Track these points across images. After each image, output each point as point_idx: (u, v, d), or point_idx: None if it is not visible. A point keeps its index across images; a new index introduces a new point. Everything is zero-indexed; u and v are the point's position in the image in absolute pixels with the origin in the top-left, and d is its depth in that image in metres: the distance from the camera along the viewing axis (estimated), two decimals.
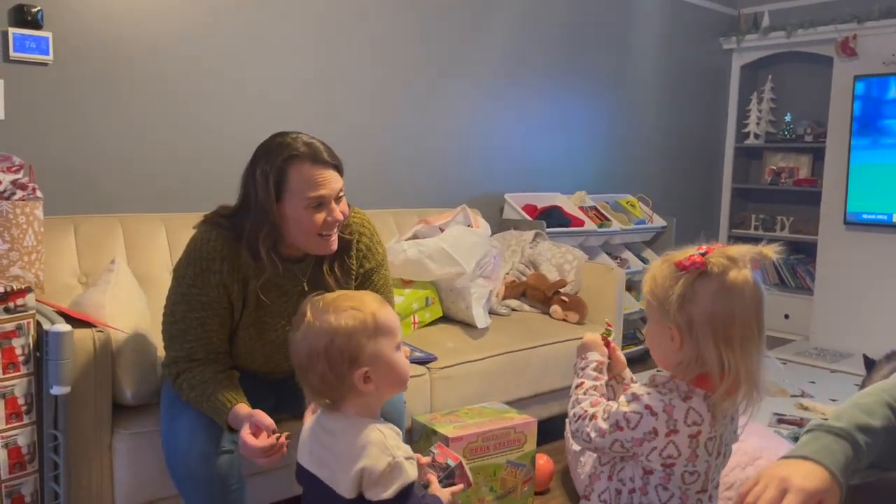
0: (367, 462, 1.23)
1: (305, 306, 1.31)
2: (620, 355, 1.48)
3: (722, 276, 1.19)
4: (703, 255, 1.21)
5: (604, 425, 1.24)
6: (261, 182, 1.68)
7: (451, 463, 1.53)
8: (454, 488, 1.47)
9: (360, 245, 1.90)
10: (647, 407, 1.21)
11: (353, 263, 1.88)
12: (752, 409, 1.23)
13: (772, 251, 1.20)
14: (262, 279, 1.75)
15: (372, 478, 1.23)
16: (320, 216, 1.70)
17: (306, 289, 1.79)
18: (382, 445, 1.25)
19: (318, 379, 1.27)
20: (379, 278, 1.93)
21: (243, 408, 1.65)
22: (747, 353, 1.20)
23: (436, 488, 1.43)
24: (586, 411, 1.29)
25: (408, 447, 1.30)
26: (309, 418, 1.39)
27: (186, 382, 1.71)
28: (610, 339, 1.46)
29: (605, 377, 1.39)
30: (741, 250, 1.21)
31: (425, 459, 1.50)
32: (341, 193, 1.75)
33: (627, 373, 1.49)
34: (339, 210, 1.73)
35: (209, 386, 1.68)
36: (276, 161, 1.68)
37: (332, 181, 1.71)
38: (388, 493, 1.23)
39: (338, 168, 1.74)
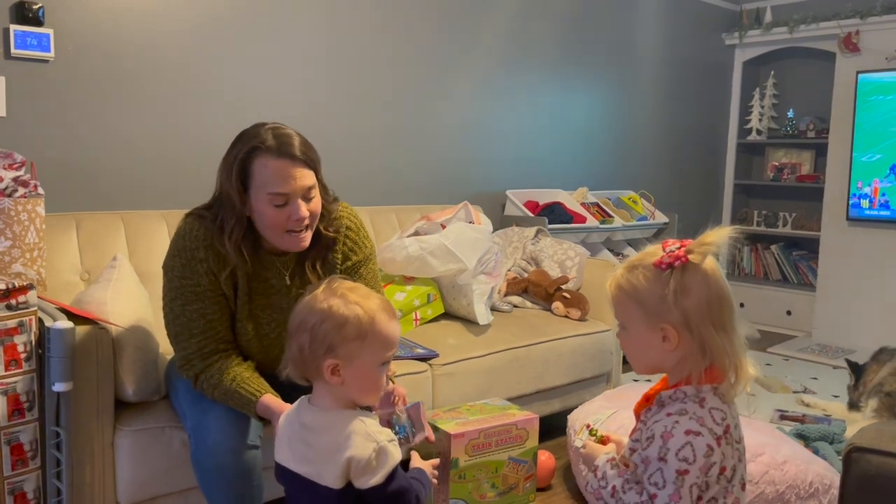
0: (353, 452, 1.25)
1: (324, 281, 1.35)
2: (617, 439, 1.42)
3: (701, 264, 1.21)
4: (678, 248, 1.22)
5: (669, 491, 1.16)
6: (226, 173, 1.67)
7: (403, 419, 1.60)
8: (433, 461, 1.49)
9: (347, 240, 1.86)
10: (688, 432, 1.17)
11: (338, 258, 1.85)
12: (745, 388, 1.24)
13: (730, 230, 1.21)
14: (247, 271, 1.74)
15: (360, 466, 1.25)
16: (284, 213, 1.65)
17: (288, 283, 1.78)
18: (365, 433, 1.27)
19: (297, 349, 1.31)
20: (367, 272, 1.89)
21: (270, 398, 1.65)
22: (735, 335, 1.22)
23: (417, 461, 1.46)
24: (641, 501, 1.20)
25: (389, 431, 1.32)
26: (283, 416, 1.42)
27: (207, 383, 1.71)
28: (599, 435, 1.41)
29: (623, 466, 1.29)
30: (715, 235, 1.21)
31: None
32: (312, 193, 1.68)
33: (624, 440, 1.41)
34: (304, 208, 1.66)
35: (231, 382, 1.68)
36: (240, 153, 1.65)
37: (298, 177, 1.64)
38: (377, 479, 1.25)
39: (309, 164, 1.67)
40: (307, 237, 1.72)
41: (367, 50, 3.29)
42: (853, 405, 3.12)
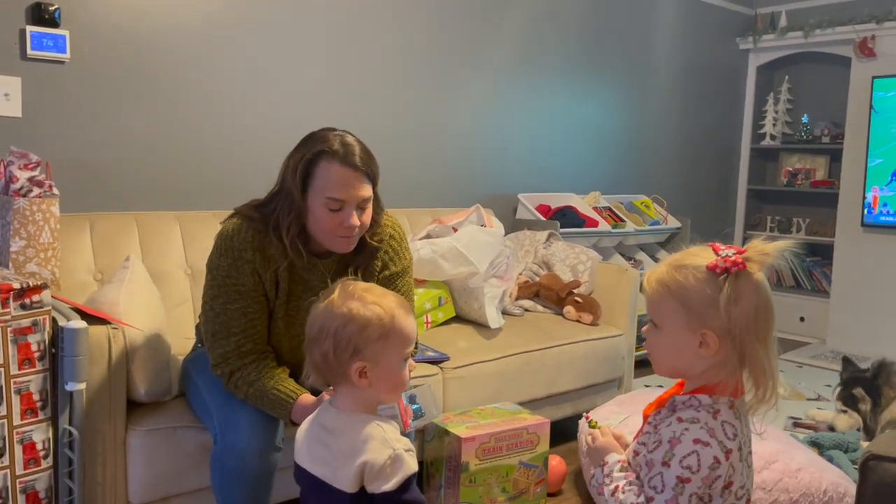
0: (368, 456, 1.25)
1: (337, 285, 1.35)
2: (617, 433, 1.40)
3: (755, 273, 1.17)
4: (735, 254, 1.17)
5: (667, 496, 1.15)
6: (291, 170, 1.71)
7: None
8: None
9: (389, 249, 1.89)
10: (696, 441, 1.15)
11: (377, 265, 1.88)
12: (776, 408, 1.20)
13: (791, 244, 1.17)
14: (289, 269, 1.76)
15: (373, 471, 1.25)
16: (337, 218, 1.69)
17: (330, 285, 1.80)
18: (382, 439, 1.28)
19: (321, 356, 1.30)
20: (403, 284, 1.92)
21: (308, 397, 1.67)
22: (773, 351, 1.19)
23: None
24: (638, 502, 1.19)
25: (407, 440, 1.32)
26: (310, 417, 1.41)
27: (242, 380, 1.71)
28: (598, 427, 1.40)
29: (633, 475, 1.26)
30: (774, 246, 1.17)
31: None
32: (366, 203, 1.73)
33: (627, 437, 1.40)
34: (356, 218, 1.70)
35: (268, 381, 1.70)
36: (307, 153, 1.69)
37: (356, 188, 1.69)
38: (390, 486, 1.25)
39: (369, 175, 1.72)
40: (354, 242, 1.76)
41: (380, 52, 3.29)
42: (869, 430, 2.98)
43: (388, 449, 1.26)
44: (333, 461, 1.29)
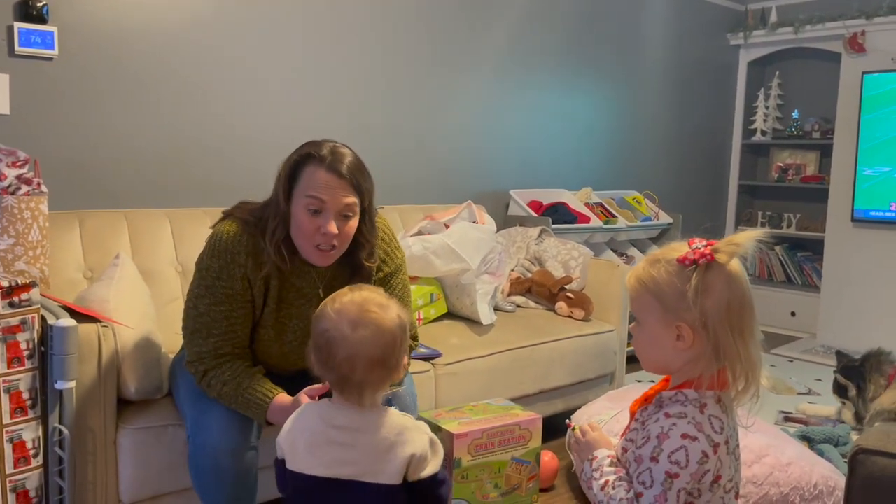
0: (414, 447, 1.30)
1: (366, 304, 1.33)
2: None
3: (727, 265, 1.17)
4: (705, 246, 1.18)
5: (656, 491, 1.15)
6: (279, 173, 1.70)
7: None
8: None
9: (378, 251, 1.86)
10: (684, 436, 1.15)
11: (372, 270, 1.86)
12: (756, 399, 1.20)
13: (760, 233, 1.18)
14: (280, 275, 1.74)
15: (422, 460, 1.30)
16: (315, 222, 1.65)
17: (321, 295, 1.77)
18: (415, 426, 1.33)
19: (380, 362, 1.32)
20: (397, 282, 1.90)
21: (285, 397, 1.66)
22: (753, 342, 1.19)
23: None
24: (624, 499, 1.19)
25: (425, 423, 1.39)
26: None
27: (216, 379, 1.70)
28: (577, 431, 1.40)
29: (623, 470, 1.26)
30: (743, 237, 1.18)
31: None
32: (348, 212, 1.68)
33: (613, 440, 1.40)
34: (334, 225, 1.65)
35: (243, 380, 1.69)
36: (295, 156, 1.69)
37: (338, 192, 1.65)
38: (434, 468, 1.31)
39: (354, 186, 1.67)
40: (333, 256, 1.72)
41: (371, 49, 3.29)
42: (859, 418, 3.02)
43: (424, 434, 1.32)
44: (364, 458, 1.29)
